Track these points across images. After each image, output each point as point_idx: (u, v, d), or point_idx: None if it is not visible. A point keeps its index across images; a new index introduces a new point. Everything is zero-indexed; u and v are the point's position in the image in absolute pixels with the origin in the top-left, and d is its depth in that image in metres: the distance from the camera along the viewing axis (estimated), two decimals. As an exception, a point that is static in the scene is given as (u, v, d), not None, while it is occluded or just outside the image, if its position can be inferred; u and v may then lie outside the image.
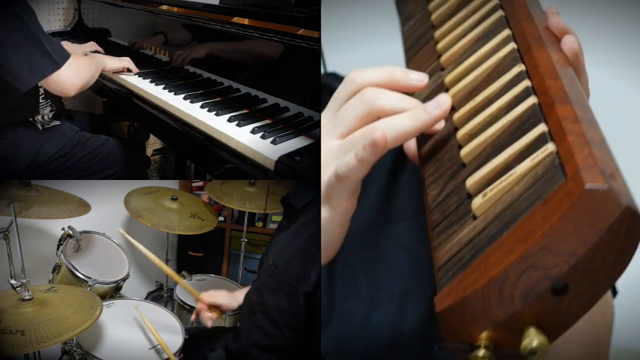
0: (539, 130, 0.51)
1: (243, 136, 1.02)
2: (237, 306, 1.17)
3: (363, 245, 0.79)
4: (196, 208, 1.56)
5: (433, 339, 0.81)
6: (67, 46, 1.60)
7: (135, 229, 1.66)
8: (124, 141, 1.51)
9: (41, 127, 1.33)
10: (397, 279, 0.82)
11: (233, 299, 1.19)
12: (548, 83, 0.54)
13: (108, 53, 1.64)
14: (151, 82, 1.36)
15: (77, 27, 1.85)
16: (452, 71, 0.66)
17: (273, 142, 0.98)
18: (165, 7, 1.41)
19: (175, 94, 1.25)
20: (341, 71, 1.02)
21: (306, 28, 1.00)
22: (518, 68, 0.58)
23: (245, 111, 1.13)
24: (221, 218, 1.96)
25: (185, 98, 1.22)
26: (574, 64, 0.60)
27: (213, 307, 1.18)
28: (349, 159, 0.57)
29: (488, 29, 0.67)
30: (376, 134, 0.55)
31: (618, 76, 1.46)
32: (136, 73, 1.42)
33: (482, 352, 0.46)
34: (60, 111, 1.39)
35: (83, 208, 1.30)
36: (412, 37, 0.78)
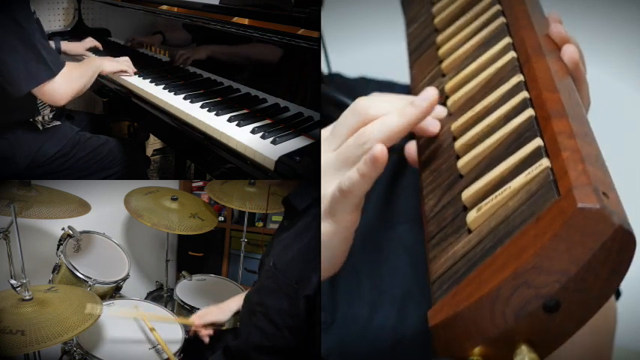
0: (535, 144, 0.51)
1: (243, 136, 1.02)
2: (228, 317, 1.18)
3: (365, 248, 0.79)
4: (196, 208, 1.56)
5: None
6: (65, 44, 1.62)
7: (135, 229, 1.66)
8: (124, 141, 1.51)
9: (41, 127, 1.33)
10: (399, 281, 0.82)
11: (223, 312, 1.19)
12: (545, 96, 0.54)
13: (108, 53, 1.64)
14: (151, 82, 1.36)
15: (77, 27, 1.85)
16: (452, 78, 0.66)
17: (273, 142, 0.98)
18: (165, 7, 1.41)
19: (175, 94, 1.25)
20: (343, 71, 1.02)
21: (306, 28, 1.00)
22: (516, 78, 0.58)
23: (245, 111, 1.13)
24: (221, 218, 1.96)
25: (185, 98, 1.22)
26: (574, 73, 0.60)
27: (206, 326, 1.19)
28: (352, 174, 0.57)
29: (489, 36, 0.67)
30: (376, 150, 0.55)
31: (618, 76, 1.46)
32: (135, 73, 1.42)
33: None
34: (60, 111, 1.39)
35: (83, 208, 1.30)
36: (416, 39, 0.78)
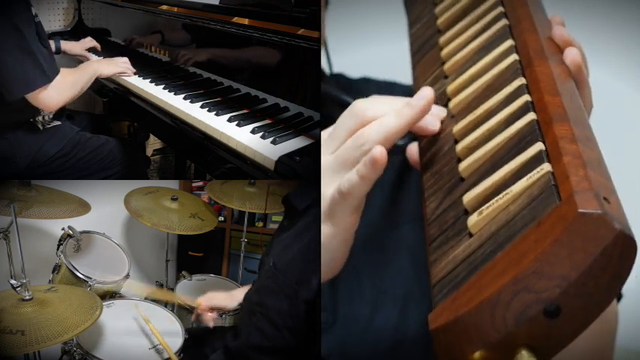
0: (536, 148, 0.51)
1: (243, 136, 1.02)
2: (236, 305, 1.17)
3: (366, 247, 0.80)
4: (196, 208, 1.56)
5: None
6: (65, 44, 1.62)
7: (135, 229, 1.66)
8: (124, 141, 1.51)
9: (42, 127, 1.33)
10: (400, 281, 0.82)
11: (231, 299, 1.19)
12: (547, 99, 0.54)
13: (107, 53, 1.64)
14: (151, 82, 1.36)
15: (77, 27, 1.85)
16: (454, 80, 0.66)
17: (273, 142, 0.98)
18: (165, 7, 1.41)
19: (175, 94, 1.25)
20: (344, 71, 1.02)
21: (306, 28, 1.00)
22: (518, 82, 0.58)
23: (245, 111, 1.13)
24: (221, 218, 1.96)
25: (185, 98, 1.22)
26: (576, 76, 0.60)
27: (212, 309, 1.18)
28: (351, 176, 0.57)
29: (491, 38, 0.66)
30: (375, 152, 0.55)
31: (618, 76, 1.46)
32: (135, 73, 1.42)
33: None
34: (60, 111, 1.39)
35: (83, 208, 1.30)
36: (419, 40, 0.77)
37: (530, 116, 0.54)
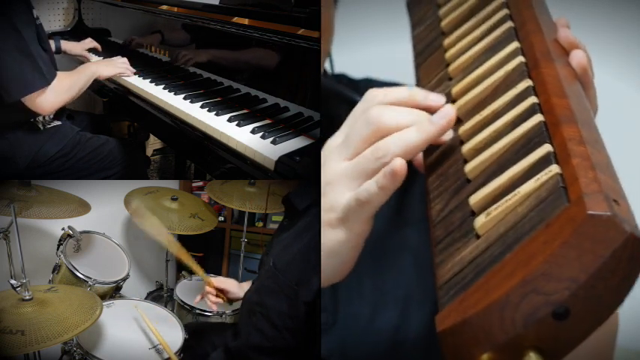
0: (544, 150, 0.51)
1: (243, 136, 1.02)
2: (243, 295, 1.17)
3: (368, 249, 0.79)
4: (196, 208, 1.56)
5: (436, 343, 0.81)
6: (65, 44, 1.62)
7: (135, 229, 1.66)
8: (124, 141, 1.51)
9: (42, 128, 1.33)
10: (402, 282, 0.82)
11: (241, 289, 1.18)
12: (554, 101, 0.54)
13: (107, 53, 1.64)
14: (151, 82, 1.36)
15: (77, 27, 1.85)
16: (459, 82, 0.65)
17: (273, 142, 0.98)
18: (165, 7, 1.41)
19: (175, 94, 1.25)
20: (346, 71, 1.01)
21: (306, 28, 1.00)
22: (525, 84, 0.58)
23: (245, 111, 1.13)
24: (221, 218, 1.96)
25: (185, 98, 1.23)
26: (582, 79, 0.60)
27: (220, 293, 1.18)
28: (370, 186, 0.58)
29: (496, 40, 0.66)
30: (395, 164, 0.56)
31: (618, 76, 1.46)
32: (135, 73, 1.42)
33: None
34: (61, 111, 1.39)
35: (83, 208, 1.30)
36: (422, 42, 0.77)
37: (538, 118, 0.54)
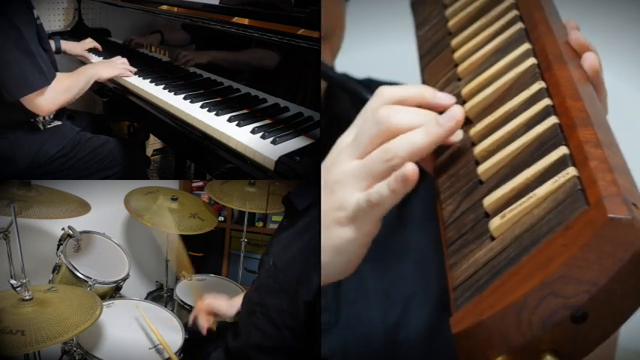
0: (560, 152, 0.51)
1: (243, 136, 1.02)
2: (234, 313, 1.17)
3: (371, 249, 0.80)
4: (196, 208, 1.56)
5: (438, 342, 0.81)
6: (65, 44, 1.62)
7: (135, 229, 1.66)
8: (124, 141, 1.51)
9: (42, 127, 1.33)
10: (404, 282, 0.82)
11: (231, 307, 1.19)
12: (569, 104, 0.53)
13: (107, 53, 1.64)
14: (151, 82, 1.36)
15: (77, 27, 1.85)
16: (469, 83, 0.65)
17: (273, 142, 0.98)
18: (165, 7, 1.41)
19: (175, 94, 1.25)
20: (347, 71, 1.01)
21: (306, 28, 1.00)
22: (538, 85, 0.58)
23: (245, 111, 1.13)
24: (221, 218, 1.96)
25: (185, 98, 1.23)
26: (594, 81, 0.60)
27: (210, 313, 1.18)
28: (382, 189, 0.58)
29: (507, 41, 0.66)
30: (407, 169, 0.56)
31: (618, 76, 1.46)
32: (135, 73, 1.42)
33: None
34: (61, 111, 1.39)
35: (83, 208, 1.30)
36: (428, 42, 0.77)
37: (552, 120, 0.54)
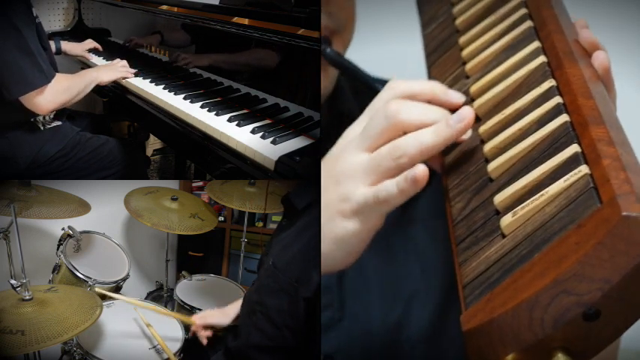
0: (572, 150, 0.50)
1: (243, 136, 1.02)
2: (229, 322, 1.18)
3: (375, 246, 0.80)
4: (196, 208, 1.56)
5: (440, 343, 0.81)
6: (65, 44, 1.62)
7: (135, 229, 1.66)
8: (124, 141, 1.51)
9: (42, 128, 1.33)
10: (407, 281, 0.82)
11: (225, 316, 1.19)
12: (580, 102, 0.53)
13: (107, 53, 1.64)
14: (151, 82, 1.36)
15: (77, 27, 1.85)
16: (478, 80, 0.65)
17: (273, 142, 0.98)
18: (165, 7, 1.41)
19: (175, 94, 1.25)
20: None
21: (306, 28, 1.00)
22: (548, 83, 0.58)
23: (245, 111, 1.13)
24: (221, 218, 1.96)
25: (185, 98, 1.23)
26: (604, 80, 0.60)
27: (207, 327, 1.19)
28: (390, 187, 0.58)
29: (516, 39, 0.66)
30: (418, 171, 0.56)
31: (618, 76, 1.45)
32: (135, 74, 1.42)
33: None
34: (61, 111, 1.39)
35: (83, 208, 1.30)
36: (434, 40, 0.76)
37: (564, 118, 0.53)
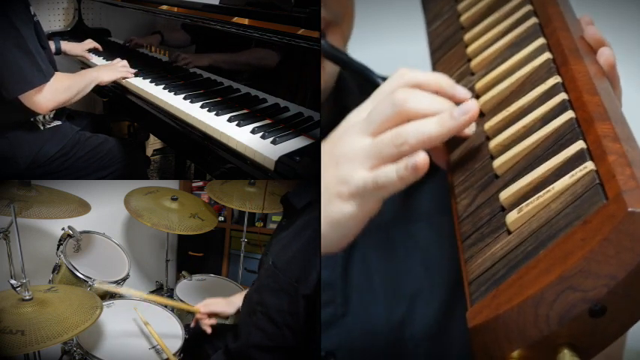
0: (578, 146, 0.50)
1: (243, 136, 1.02)
2: (234, 311, 1.17)
3: (378, 243, 0.80)
4: (196, 208, 1.56)
5: (443, 341, 0.81)
6: (65, 44, 1.62)
7: (135, 229, 1.66)
8: (124, 141, 1.51)
9: (42, 127, 1.33)
10: (410, 278, 0.82)
11: (230, 305, 1.19)
12: (586, 98, 0.53)
13: (108, 53, 1.64)
14: (151, 82, 1.36)
15: (77, 27, 1.85)
16: (483, 77, 0.65)
17: (273, 142, 0.98)
18: (165, 7, 1.41)
19: (175, 94, 1.25)
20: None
21: (306, 28, 1.00)
22: (553, 80, 0.58)
23: (245, 111, 1.13)
24: (221, 218, 1.96)
25: (185, 98, 1.23)
26: (609, 76, 0.60)
27: (211, 315, 1.18)
28: (390, 174, 0.58)
29: (521, 36, 0.66)
30: (419, 159, 0.56)
31: (620, 75, 1.46)
32: (135, 74, 1.42)
33: None
34: (61, 111, 1.39)
35: (83, 208, 1.30)
36: (439, 37, 0.76)
37: (569, 114, 0.54)
